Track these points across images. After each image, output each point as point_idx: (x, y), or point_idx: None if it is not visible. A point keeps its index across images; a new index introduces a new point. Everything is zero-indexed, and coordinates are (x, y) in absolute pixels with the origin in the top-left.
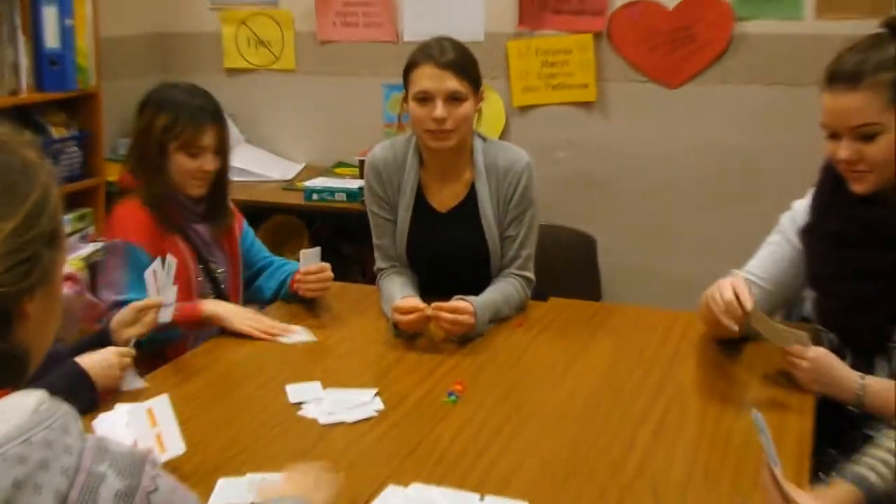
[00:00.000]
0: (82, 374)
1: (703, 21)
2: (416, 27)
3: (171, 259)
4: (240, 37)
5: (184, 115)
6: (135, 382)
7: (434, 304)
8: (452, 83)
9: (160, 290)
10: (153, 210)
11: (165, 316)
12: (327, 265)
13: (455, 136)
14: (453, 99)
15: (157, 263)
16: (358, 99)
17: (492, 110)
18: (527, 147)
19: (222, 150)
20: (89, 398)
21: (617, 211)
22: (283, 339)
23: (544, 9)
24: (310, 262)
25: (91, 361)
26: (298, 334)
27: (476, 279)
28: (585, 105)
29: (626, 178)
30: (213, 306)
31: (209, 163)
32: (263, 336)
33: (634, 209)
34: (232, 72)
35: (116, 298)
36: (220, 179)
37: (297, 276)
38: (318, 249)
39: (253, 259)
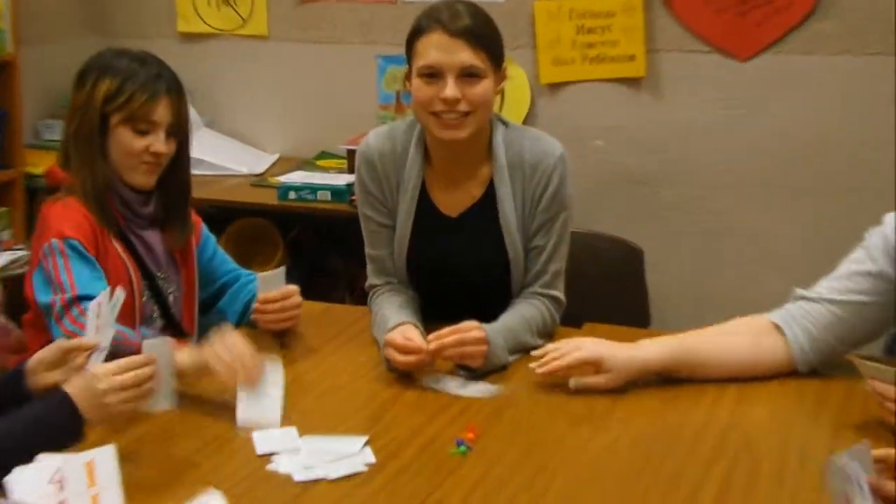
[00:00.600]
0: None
1: None
2: None
3: (121, 293)
4: None
5: (132, 81)
6: (162, 402)
7: (434, 336)
8: (467, 55)
9: (99, 330)
10: (91, 207)
11: (97, 361)
12: (293, 290)
13: (470, 124)
14: (468, 76)
15: (103, 296)
16: (347, 73)
17: (514, 89)
18: (557, 135)
19: (179, 132)
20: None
21: (669, 215)
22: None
23: None
24: (270, 288)
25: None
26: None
27: (493, 300)
28: (632, 82)
29: (682, 174)
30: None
31: (160, 143)
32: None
33: (692, 213)
34: (188, 37)
35: (76, 293)
36: (176, 171)
37: (256, 306)
38: (280, 271)
39: (214, 275)
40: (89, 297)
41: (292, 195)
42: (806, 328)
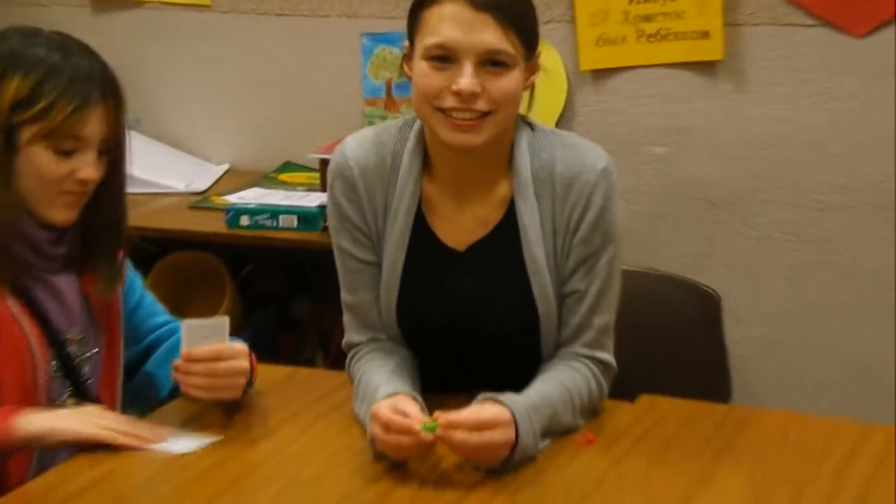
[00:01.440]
0: None
1: None
2: None
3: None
4: None
5: (53, 82)
6: (182, 443)
7: (442, 419)
8: (494, 36)
9: None
10: None
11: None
12: (233, 350)
13: (488, 127)
14: (493, 64)
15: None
16: (319, 57)
17: (545, 78)
18: (603, 141)
19: (113, 150)
20: None
21: (757, 248)
22: (166, 447)
23: None
24: (197, 341)
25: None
26: (185, 441)
27: (516, 366)
28: (705, 68)
29: (775, 192)
30: (31, 422)
31: (89, 167)
32: (131, 443)
33: (787, 244)
34: (101, 4)
35: None
36: (105, 198)
37: (176, 363)
38: (219, 322)
39: (140, 328)
40: None
41: (245, 221)
42: None
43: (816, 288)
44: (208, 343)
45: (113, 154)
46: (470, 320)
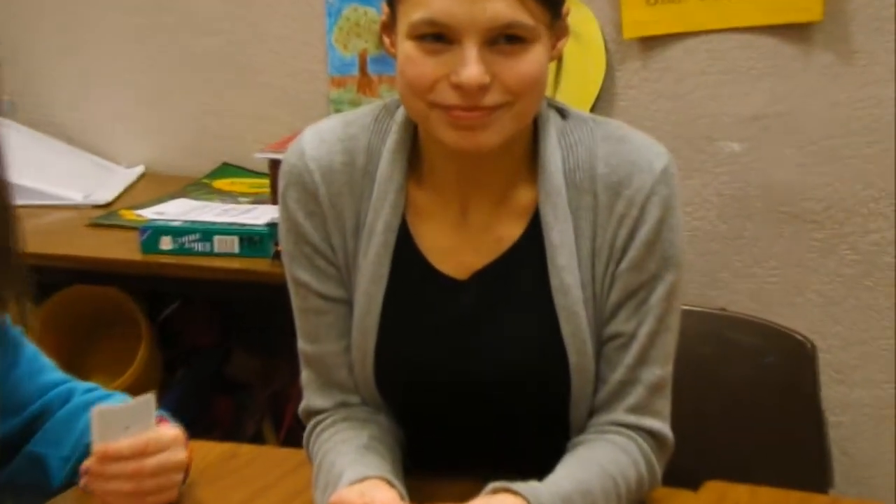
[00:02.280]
0: None
1: None
2: None
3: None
4: None
5: None
6: None
7: None
8: (505, 5)
9: None
10: None
11: None
12: (164, 437)
13: (504, 122)
14: (506, 40)
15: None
16: (267, 20)
17: (578, 50)
18: (655, 134)
19: None
20: None
21: (866, 280)
22: None
23: None
24: (115, 432)
25: None
26: None
27: (536, 435)
28: (798, 32)
29: (892, 203)
30: None
31: None
32: None
33: None
34: None
35: None
36: None
37: (87, 465)
38: (143, 402)
39: (21, 394)
40: None
41: (167, 244)
42: None
43: None
44: (129, 434)
45: None
46: (473, 374)
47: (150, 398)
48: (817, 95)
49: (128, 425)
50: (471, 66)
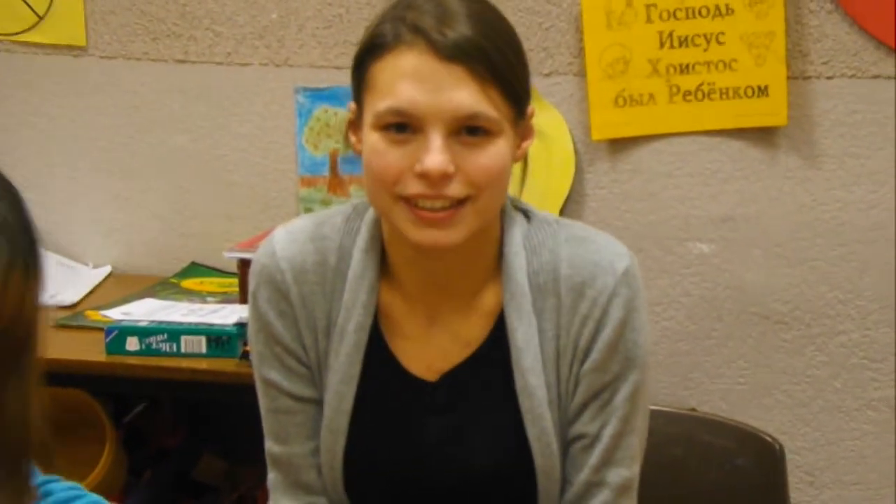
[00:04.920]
0: None
1: None
2: None
3: None
4: None
5: None
6: None
7: None
8: (468, 95)
9: None
10: None
11: None
12: None
13: (468, 219)
14: (469, 132)
15: None
16: (238, 119)
17: (545, 150)
18: (624, 235)
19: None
20: None
21: (835, 381)
22: None
23: None
24: None
25: None
26: None
27: None
28: (764, 136)
29: (860, 305)
30: None
31: None
32: None
33: (878, 377)
34: None
35: None
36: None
37: None
38: None
39: None
40: None
41: (134, 344)
42: None
43: None
44: None
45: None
46: (443, 475)
47: None
48: (784, 198)
49: None
50: (434, 154)
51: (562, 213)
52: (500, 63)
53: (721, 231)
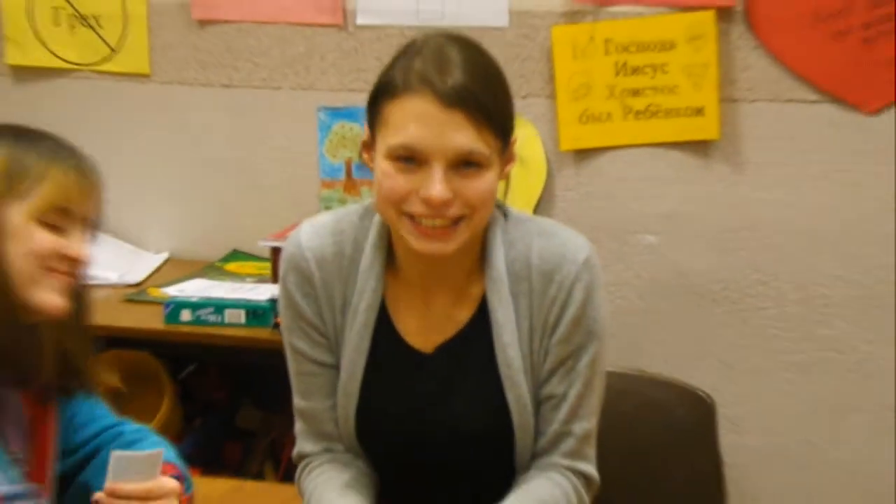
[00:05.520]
0: None
1: None
2: (381, 1)
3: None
4: (38, 6)
5: (40, 153)
6: None
7: None
8: (466, 137)
9: None
10: None
11: None
12: (164, 487)
13: (461, 233)
14: (465, 165)
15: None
16: (271, 133)
17: (521, 159)
18: (586, 229)
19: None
20: None
21: (756, 348)
22: None
23: None
24: (126, 475)
25: None
26: None
27: (488, 476)
28: (700, 148)
29: (777, 285)
30: None
31: (79, 244)
32: None
33: (790, 344)
34: (22, 73)
35: None
36: (81, 310)
37: (98, 497)
38: (153, 455)
39: (80, 437)
40: None
41: (187, 316)
42: None
43: (821, 391)
44: (138, 479)
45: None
46: (437, 429)
47: (159, 453)
48: (717, 198)
49: (138, 471)
50: (436, 185)
51: (535, 210)
52: (491, 106)
53: (665, 225)
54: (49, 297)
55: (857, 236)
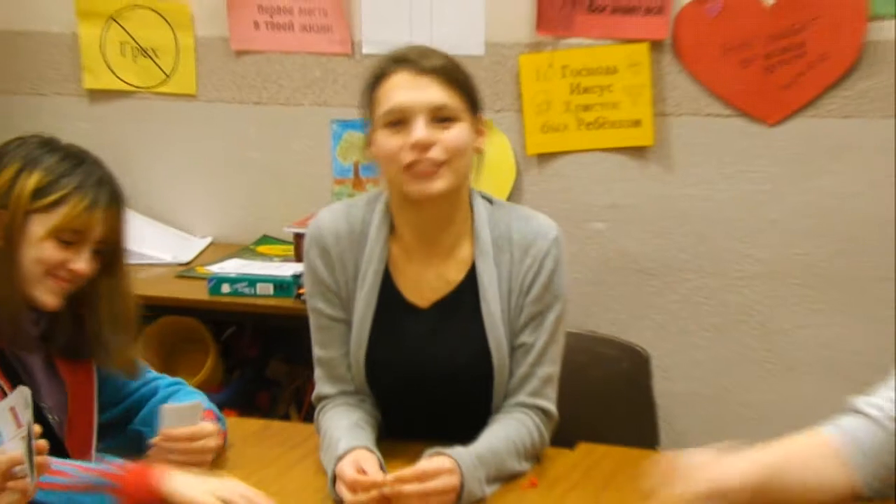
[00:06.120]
0: None
1: (819, 22)
2: (382, 33)
3: (25, 392)
4: (108, 41)
5: (72, 179)
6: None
7: (394, 478)
8: (438, 93)
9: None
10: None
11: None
12: (205, 430)
13: (446, 175)
14: (441, 119)
15: (15, 395)
16: (293, 141)
17: (496, 160)
18: (551, 215)
19: (112, 250)
20: None
21: (683, 312)
22: None
23: (576, 7)
24: (175, 422)
25: None
26: None
27: (472, 413)
28: (637, 152)
29: (699, 263)
30: (167, 481)
31: (82, 261)
32: None
33: (709, 309)
34: (97, 95)
35: None
36: (104, 294)
37: (156, 441)
38: (195, 406)
39: (123, 388)
40: None
41: (226, 288)
42: (869, 452)
43: (733, 347)
44: (184, 425)
45: (111, 254)
46: (431, 368)
47: (198, 404)
48: (652, 193)
49: (184, 419)
50: (420, 129)
51: (509, 199)
52: (456, 75)
53: (611, 215)
54: (46, 297)
55: (761, 223)
